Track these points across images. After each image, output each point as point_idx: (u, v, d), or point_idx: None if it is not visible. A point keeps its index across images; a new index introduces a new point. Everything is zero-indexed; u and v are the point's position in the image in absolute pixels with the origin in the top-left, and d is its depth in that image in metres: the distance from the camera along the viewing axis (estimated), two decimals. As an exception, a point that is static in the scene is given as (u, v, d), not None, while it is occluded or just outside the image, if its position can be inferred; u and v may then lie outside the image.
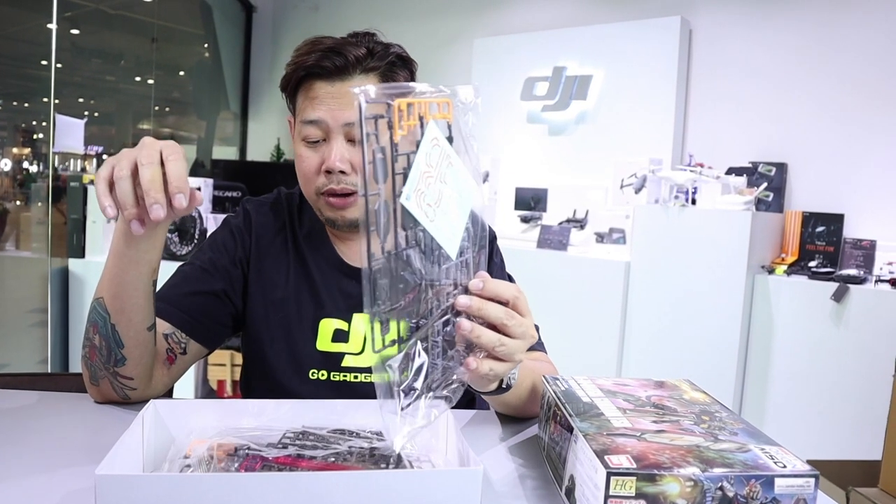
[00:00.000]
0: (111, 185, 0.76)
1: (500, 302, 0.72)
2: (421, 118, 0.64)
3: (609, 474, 0.61)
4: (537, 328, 1.15)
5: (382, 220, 0.60)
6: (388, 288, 0.61)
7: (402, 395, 0.63)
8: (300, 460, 0.65)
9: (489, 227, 1.20)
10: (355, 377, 1.08)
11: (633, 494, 0.61)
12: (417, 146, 0.64)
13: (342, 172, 1.01)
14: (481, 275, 0.72)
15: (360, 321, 1.10)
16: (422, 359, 0.65)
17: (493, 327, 0.71)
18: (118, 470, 0.59)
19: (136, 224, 0.77)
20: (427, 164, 0.64)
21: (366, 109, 0.59)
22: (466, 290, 0.71)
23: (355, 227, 1.06)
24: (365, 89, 0.60)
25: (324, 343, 1.09)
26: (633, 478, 0.61)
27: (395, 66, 1.04)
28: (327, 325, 1.09)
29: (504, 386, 0.83)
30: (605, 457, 0.63)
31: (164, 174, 0.75)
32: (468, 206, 0.70)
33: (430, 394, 0.66)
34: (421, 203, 0.63)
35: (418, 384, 0.65)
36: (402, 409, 0.62)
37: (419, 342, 0.65)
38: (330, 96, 1.00)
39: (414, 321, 0.65)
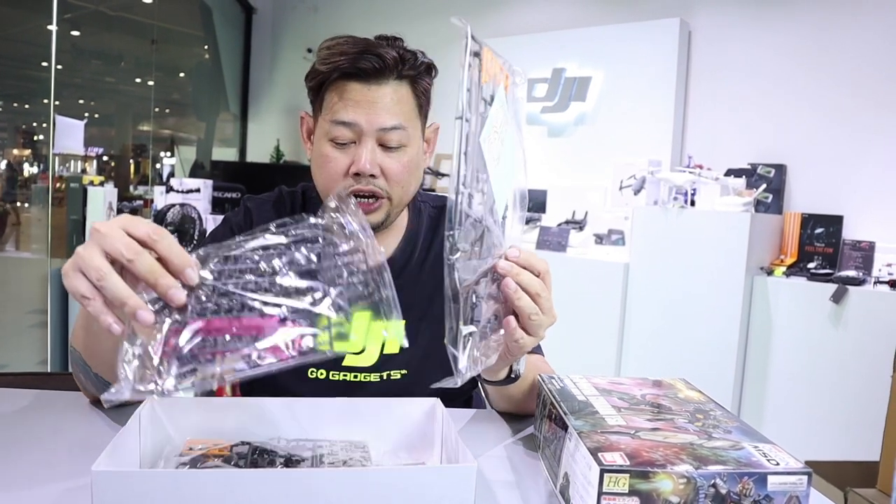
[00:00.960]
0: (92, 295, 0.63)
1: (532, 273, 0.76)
2: (494, 76, 0.69)
3: (602, 471, 0.61)
4: None
5: (471, 149, 0.65)
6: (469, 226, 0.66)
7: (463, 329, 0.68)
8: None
9: None
10: (355, 377, 1.08)
11: (627, 491, 0.61)
12: (491, 99, 0.67)
13: (372, 176, 1.00)
14: (516, 245, 0.75)
15: (360, 319, 1.10)
16: (476, 304, 0.69)
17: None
18: (115, 467, 0.59)
19: (177, 292, 0.63)
20: (495, 120, 0.67)
21: (470, 38, 0.66)
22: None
23: (373, 231, 1.07)
24: (467, 23, 0.67)
25: None
26: (627, 475, 0.61)
27: (423, 74, 1.04)
28: None
29: (513, 375, 0.86)
30: (599, 454, 0.64)
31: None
32: (512, 176, 0.72)
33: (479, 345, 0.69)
34: (490, 150, 0.66)
35: (476, 327, 0.69)
36: (467, 338, 0.67)
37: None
38: (366, 100, 0.99)
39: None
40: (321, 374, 1.08)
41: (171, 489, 0.54)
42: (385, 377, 1.08)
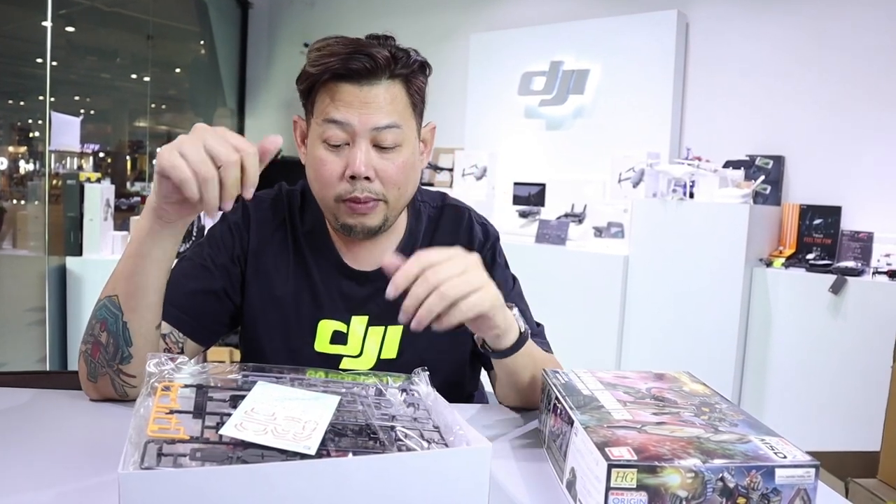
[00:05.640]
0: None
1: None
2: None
3: (610, 466, 0.61)
4: (542, 327, 1.15)
5: None
6: None
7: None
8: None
9: (491, 226, 1.19)
10: (354, 379, 1.08)
11: (635, 486, 0.61)
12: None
13: (367, 179, 0.99)
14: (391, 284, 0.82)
15: (358, 324, 1.09)
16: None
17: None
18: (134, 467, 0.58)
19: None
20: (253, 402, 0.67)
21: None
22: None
23: (371, 235, 1.05)
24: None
25: (322, 345, 1.08)
26: (634, 470, 0.61)
27: (416, 73, 1.03)
28: (326, 327, 1.08)
29: (522, 334, 0.92)
30: (606, 449, 0.63)
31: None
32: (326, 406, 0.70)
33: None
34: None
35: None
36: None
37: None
38: (358, 100, 0.97)
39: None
40: (320, 375, 1.07)
41: (199, 487, 0.54)
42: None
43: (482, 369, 1.20)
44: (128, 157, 5.38)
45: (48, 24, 3.33)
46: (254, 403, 0.67)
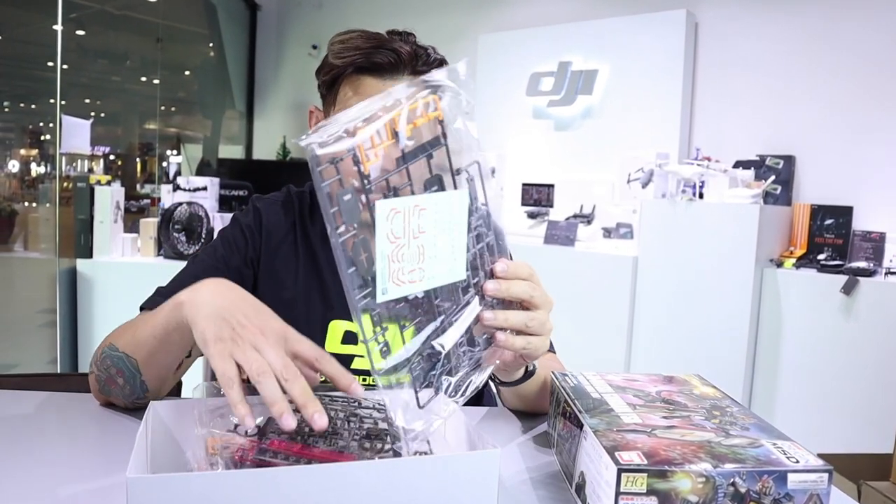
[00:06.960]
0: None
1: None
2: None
3: (620, 471, 0.60)
4: None
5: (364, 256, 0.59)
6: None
7: (417, 391, 0.65)
8: (310, 449, 0.66)
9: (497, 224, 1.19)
10: (364, 380, 1.07)
11: (645, 491, 0.61)
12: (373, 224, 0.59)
13: None
14: (502, 259, 0.73)
15: (367, 322, 1.09)
16: (438, 354, 0.66)
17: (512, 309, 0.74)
18: (148, 472, 0.58)
19: (288, 418, 0.63)
20: (391, 239, 0.60)
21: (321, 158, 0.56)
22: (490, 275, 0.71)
23: None
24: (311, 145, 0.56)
25: (333, 345, 1.08)
26: (644, 474, 0.60)
27: (437, 70, 1.04)
28: (337, 327, 1.08)
29: (529, 370, 0.87)
30: (616, 453, 0.63)
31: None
32: (461, 212, 0.68)
33: (451, 385, 0.67)
34: (403, 279, 0.62)
35: (434, 381, 0.66)
36: (421, 406, 0.65)
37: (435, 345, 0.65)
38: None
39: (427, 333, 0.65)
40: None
41: (207, 491, 0.54)
42: (394, 382, 1.07)
43: None
44: (138, 160, 5.41)
45: (59, 27, 3.35)
46: (386, 243, 0.60)
